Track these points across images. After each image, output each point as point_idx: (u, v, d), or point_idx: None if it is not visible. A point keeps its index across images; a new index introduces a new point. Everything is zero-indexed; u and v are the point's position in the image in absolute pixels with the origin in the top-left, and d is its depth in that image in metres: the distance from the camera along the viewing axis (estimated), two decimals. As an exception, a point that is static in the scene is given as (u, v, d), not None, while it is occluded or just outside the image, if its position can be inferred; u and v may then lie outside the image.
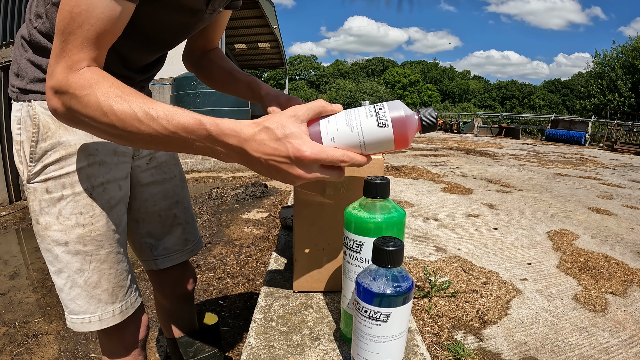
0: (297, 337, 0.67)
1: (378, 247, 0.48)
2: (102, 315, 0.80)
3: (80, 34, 0.52)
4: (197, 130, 0.51)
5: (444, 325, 0.96)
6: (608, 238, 1.75)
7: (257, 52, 14.99)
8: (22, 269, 2.75)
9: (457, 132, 14.41)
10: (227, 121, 0.52)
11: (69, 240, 0.75)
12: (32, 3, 0.69)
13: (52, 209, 0.74)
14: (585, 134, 10.26)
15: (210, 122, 0.51)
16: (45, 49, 0.69)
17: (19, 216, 4.14)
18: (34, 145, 0.72)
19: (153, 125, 0.51)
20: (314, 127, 0.55)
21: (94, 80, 0.52)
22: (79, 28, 0.52)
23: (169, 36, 0.79)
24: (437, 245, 1.57)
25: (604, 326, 0.99)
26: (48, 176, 0.73)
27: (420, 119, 0.56)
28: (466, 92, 63.21)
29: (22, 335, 1.89)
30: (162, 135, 0.52)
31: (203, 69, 0.98)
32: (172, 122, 0.51)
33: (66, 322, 0.81)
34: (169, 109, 0.52)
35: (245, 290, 2.38)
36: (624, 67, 24.35)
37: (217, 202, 4.42)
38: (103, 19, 0.52)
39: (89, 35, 0.52)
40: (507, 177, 3.46)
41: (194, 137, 0.52)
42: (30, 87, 0.71)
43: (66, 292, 0.77)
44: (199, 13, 0.76)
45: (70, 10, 0.51)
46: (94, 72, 0.53)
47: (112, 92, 0.52)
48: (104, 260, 0.78)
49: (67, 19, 0.52)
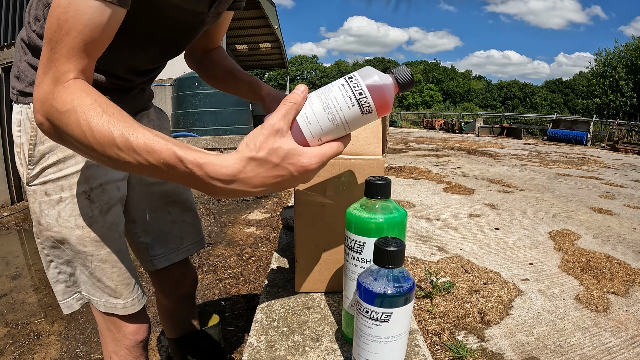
0: (298, 337, 0.67)
1: (379, 248, 0.48)
2: (107, 303, 0.81)
3: (67, 42, 0.49)
4: (177, 166, 0.47)
5: (445, 325, 0.95)
6: (610, 238, 1.75)
7: (259, 53, 15.00)
8: (24, 269, 2.76)
9: (458, 132, 14.40)
10: (212, 158, 0.48)
11: (70, 240, 0.76)
12: (32, 6, 0.69)
13: (52, 211, 0.74)
14: (586, 134, 10.23)
15: (192, 161, 0.47)
16: None
17: (21, 217, 4.15)
18: (32, 147, 0.72)
19: (133, 155, 0.47)
20: (295, 131, 0.51)
21: (77, 94, 0.49)
22: (66, 36, 0.49)
23: (172, 42, 0.79)
24: (439, 245, 1.56)
25: (606, 326, 0.99)
26: (47, 178, 0.73)
27: (395, 79, 0.53)
28: (467, 92, 63.13)
29: (23, 336, 1.89)
30: (144, 166, 0.48)
31: (205, 68, 0.98)
32: (152, 155, 0.47)
33: (65, 310, 0.83)
34: (149, 138, 0.47)
35: (246, 290, 2.38)
36: (627, 67, 24.27)
37: (219, 203, 4.43)
38: (91, 26, 0.50)
39: (77, 43, 0.50)
40: (508, 177, 3.46)
41: (176, 173, 0.48)
42: (29, 90, 0.72)
43: (77, 276, 0.81)
44: (200, 16, 0.75)
45: (58, 17, 0.49)
46: (79, 85, 0.50)
47: (94, 110, 0.48)
48: (105, 260, 0.79)
49: (54, 27, 0.49)
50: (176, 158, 0.47)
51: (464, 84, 64.45)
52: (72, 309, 0.84)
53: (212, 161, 0.47)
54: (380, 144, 0.76)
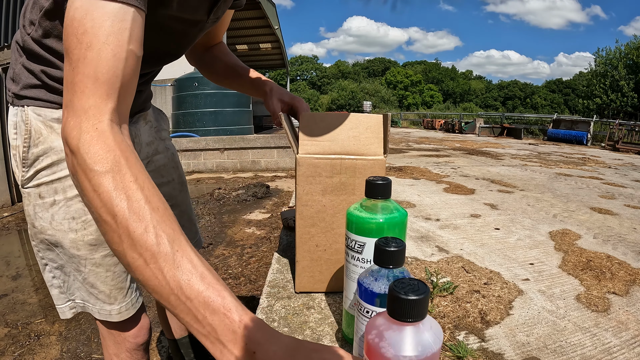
0: (299, 337, 0.67)
1: (380, 248, 0.48)
2: (101, 310, 0.80)
3: (90, 58, 0.43)
4: (222, 316, 0.39)
5: (446, 325, 0.95)
6: (610, 238, 1.75)
7: (259, 53, 15.01)
8: (25, 270, 2.76)
9: (458, 132, 14.39)
10: (260, 326, 0.40)
11: (64, 244, 0.75)
12: (26, 9, 0.68)
13: (45, 214, 0.74)
14: (587, 134, 10.22)
15: (240, 312, 0.39)
16: (38, 56, 0.69)
17: (22, 217, 4.15)
18: (26, 150, 0.72)
19: (168, 275, 0.39)
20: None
21: (114, 157, 0.41)
22: (88, 50, 0.43)
23: (170, 49, 0.78)
24: (439, 245, 1.56)
25: (607, 326, 0.99)
26: (40, 181, 0.73)
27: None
28: (468, 92, 63.12)
29: (24, 336, 1.89)
30: (172, 295, 0.39)
31: (206, 65, 0.97)
32: (194, 288, 0.39)
33: (60, 315, 0.82)
34: (196, 267, 0.40)
35: (247, 291, 2.38)
36: (627, 67, 24.23)
37: (219, 203, 4.43)
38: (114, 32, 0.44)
39: (102, 56, 0.44)
40: (509, 177, 3.45)
41: (210, 321, 0.39)
42: (23, 93, 0.71)
43: (70, 283, 0.79)
44: (199, 24, 0.75)
45: (75, 33, 0.44)
46: (118, 140, 0.43)
47: (134, 192, 0.41)
48: (99, 264, 0.77)
49: (74, 43, 0.44)
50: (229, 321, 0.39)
51: (464, 84, 64.44)
52: (65, 316, 0.82)
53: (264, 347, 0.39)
54: (382, 145, 0.76)
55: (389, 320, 0.38)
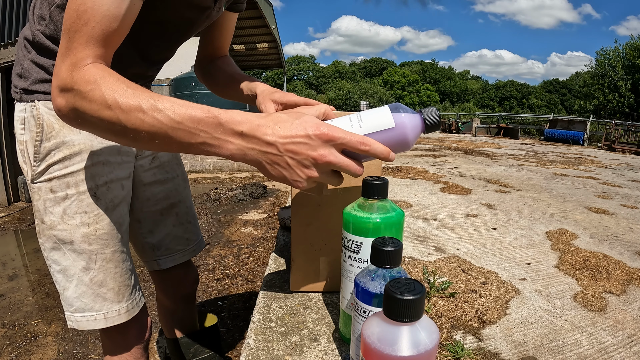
0: (295, 337, 0.67)
1: (376, 248, 0.48)
2: (108, 314, 0.80)
3: (85, 32, 0.51)
4: (205, 119, 0.49)
5: (443, 325, 0.96)
6: (607, 237, 1.75)
7: (256, 53, 14.97)
8: (21, 270, 2.75)
9: (455, 132, 14.42)
10: (236, 111, 0.51)
11: (74, 239, 0.75)
12: (35, 5, 0.69)
13: (57, 208, 0.74)
14: (583, 134, 10.27)
15: (219, 110, 0.50)
16: (49, 50, 0.70)
17: (18, 217, 4.13)
18: (38, 144, 0.72)
19: (158, 116, 0.49)
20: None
21: (99, 75, 0.51)
22: (84, 26, 0.51)
23: (175, 33, 0.80)
24: (436, 245, 1.57)
25: (603, 325, 0.99)
26: (52, 175, 0.73)
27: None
28: (465, 92, 63.29)
29: (20, 337, 1.88)
30: (167, 127, 0.49)
31: (210, 77, 0.98)
32: (177, 112, 0.49)
33: (67, 323, 0.80)
34: (176, 100, 0.50)
35: (244, 291, 2.38)
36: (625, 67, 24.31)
37: (216, 203, 4.42)
38: (109, 17, 0.52)
39: (95, 32, 0.51)
40: (505, 177, 3.46)
41: (200, 127, 0.50)
42: (33, 88, 0.72)
43: (72, 290, 0.77)
44: (207, 11, 0.77)
45: (76, 9, 0.51)
46: (99, 67, 0.52)
47: (118, 86, 0.50)
48: (110, 259, 0.78)
49: (72, 18, 0.51)
50: (203, 109, 0.50)
51: (461, 84, 64.59)
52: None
53: (238, 111, 0.51)
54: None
55: (385, 320, 0.38)
